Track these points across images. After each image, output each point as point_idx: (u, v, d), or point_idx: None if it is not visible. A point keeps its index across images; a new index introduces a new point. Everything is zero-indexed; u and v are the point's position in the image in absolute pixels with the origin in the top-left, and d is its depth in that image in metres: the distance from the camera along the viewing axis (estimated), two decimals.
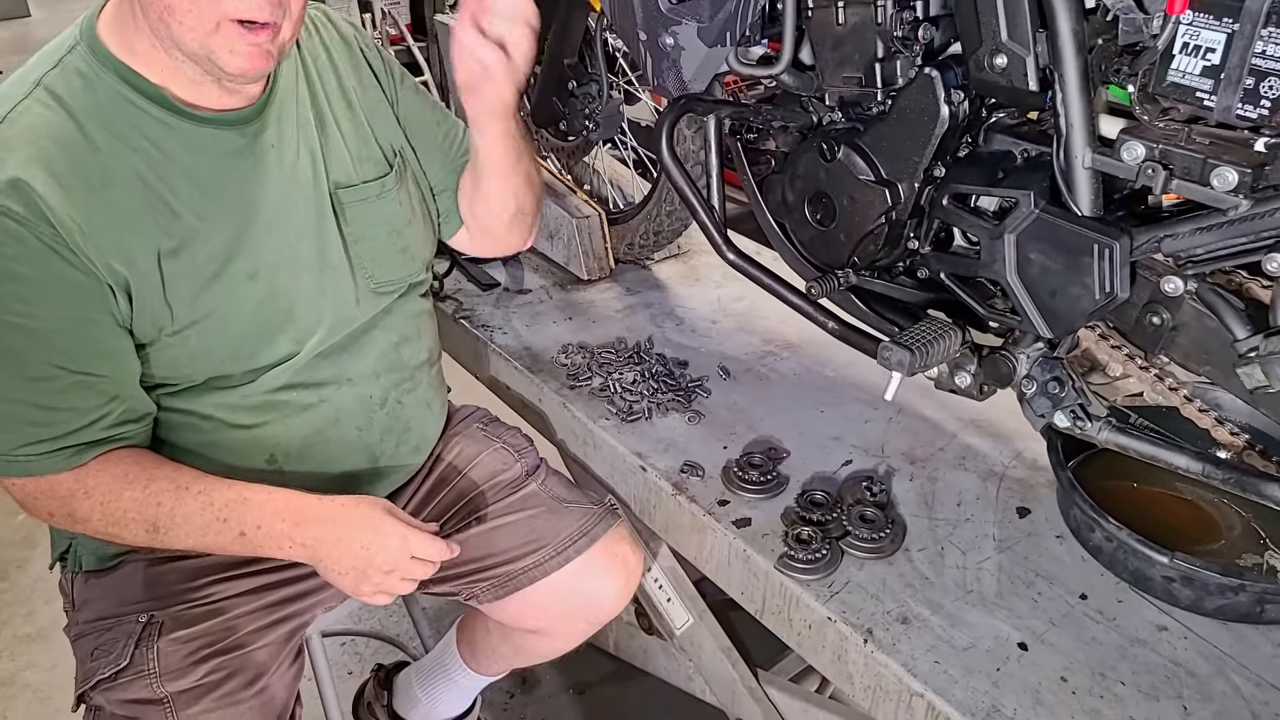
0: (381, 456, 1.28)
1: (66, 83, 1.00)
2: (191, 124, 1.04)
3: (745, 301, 1.81)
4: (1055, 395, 1.05)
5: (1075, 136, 0.93)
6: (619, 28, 1.32)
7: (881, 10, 1.09)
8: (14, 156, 0.96)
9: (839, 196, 1.18)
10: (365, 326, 1.23)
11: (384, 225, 1.21)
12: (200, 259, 1.06)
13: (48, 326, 1.00)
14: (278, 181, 1.11)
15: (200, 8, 0.95)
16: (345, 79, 1.21)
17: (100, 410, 1.04)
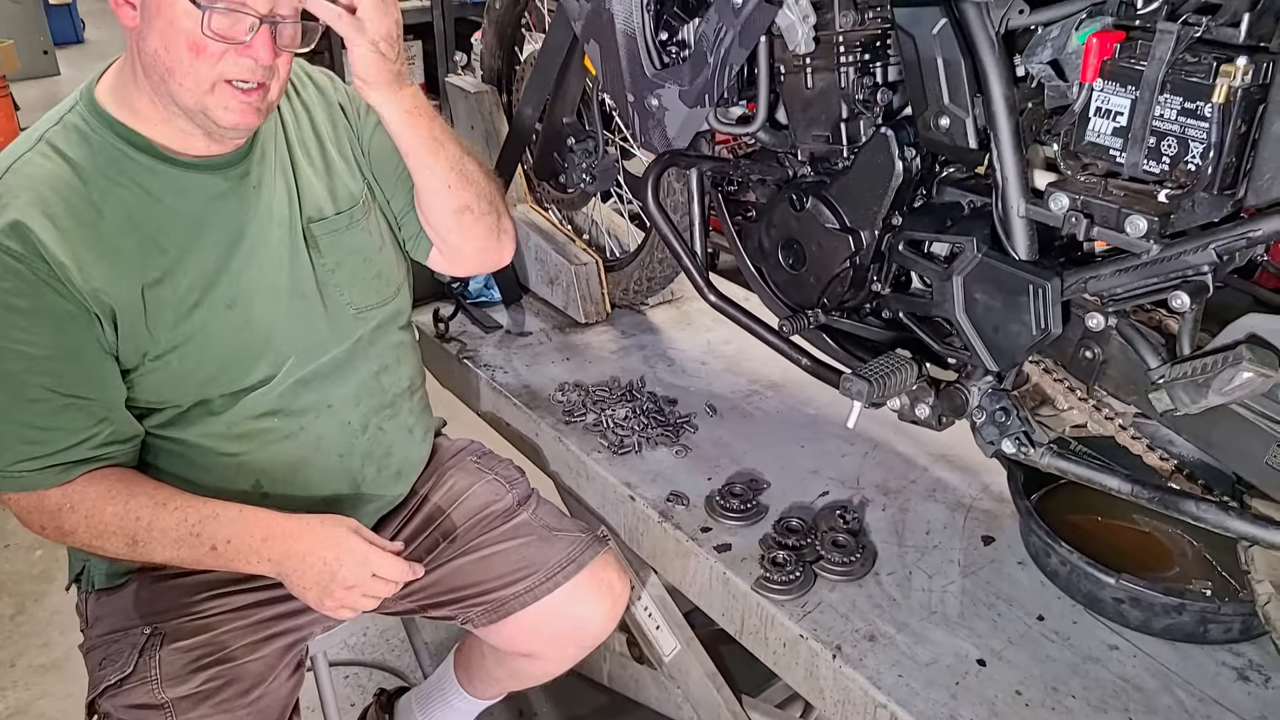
0: (363, 482, 1.36)
1: (66, 137, 1.14)
2: (178, 169, 1.16)
3: (733, 345, 1.91)
4: (1002, 424, 1.14)
5: (1010, 189, 1.04)
6: (611, 90, 1.44)
7: (845, 76, 1.21)
8: (15, 202, 1.08)
9: (809, 243, 1.29)
10: (346, 355, 1.32)
11: (356, 253, 1.32)
12: (182, 289, 1.16)
13: (43, 353, 1.11)
14: (256, 218, 1.22)
15: (198, 71, 1.07)
16: (319, 124, 1.32)
17: (89, 431, 1.14)
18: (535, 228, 2.05)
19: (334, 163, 1.32)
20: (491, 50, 2.14)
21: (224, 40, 1.06)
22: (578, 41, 1.61)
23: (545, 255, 2.02)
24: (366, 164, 1.37)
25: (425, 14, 4.38)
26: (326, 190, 1.30)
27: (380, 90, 1.18)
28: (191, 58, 1.06)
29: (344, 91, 1.39)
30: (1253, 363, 0.82)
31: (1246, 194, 0.86)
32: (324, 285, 1.29)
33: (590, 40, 1.42)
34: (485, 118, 2.14)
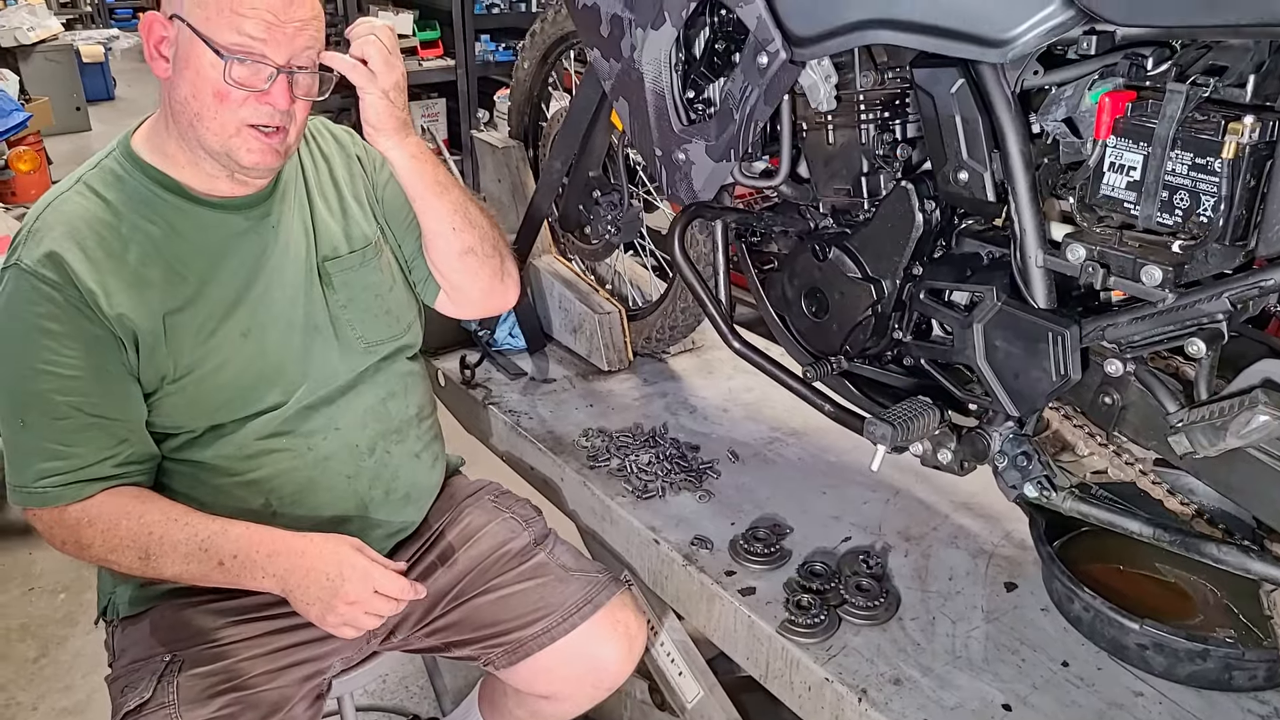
0: (371, 504, 1.39)
1: (102, 179, 1.24)
2: (203, 208, 1.26)
3: (755, 392, 1.95)
4: (1024, 468, 1.16)
5: (1028, 240, 1.08)
6: (638, 144, 1.50)
7: (865, 132, 1.26)
8: (52, 234, 1.18)
9: (831, 292, 1.33)
10: (353, 382, 1.38)
11: (368, 290, 1.39)
12: (200, 317, 1.24)
13: (71, 374, 1.18)
14: (273, 255, 1.31)
15: (222, 116, 1.17)
16: (337, 171, 1.42)
17: (110, 450, 1.21)
18: (559, 277, 2.10)
19: (349, 207, 1.41)
20: (519, 107, 2.22)
21: (244, 88, 1.15)
22: (606, 99, 1.68)
23: (569, 304, 2.06)
24: (380, 210, 1.45)
25: (450, 73, 4.51)
26: (341, 231, 1.38)
27: (389, 135, 1.28)
28: (216, 104, 1.16)
29: (361, 145, 1.48)
30: (1268, 406, 0.85)
31: (1257, 245, 0.90)
32: (336, 319, 1.36)
33: (619, 98, 1.48)
34: (512, 171, 2.21)
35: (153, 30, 1.17)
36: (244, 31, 1.12)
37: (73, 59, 6.80)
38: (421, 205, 1.36)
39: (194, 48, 1.14)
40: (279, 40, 1.14)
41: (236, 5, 1.12)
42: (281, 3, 1.14)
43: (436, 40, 4.56)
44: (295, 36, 1.16)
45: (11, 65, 5.91)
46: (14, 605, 2.56)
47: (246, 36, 1.13)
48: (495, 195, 2.29)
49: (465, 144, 4.53)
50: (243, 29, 1.12)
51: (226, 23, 1.12)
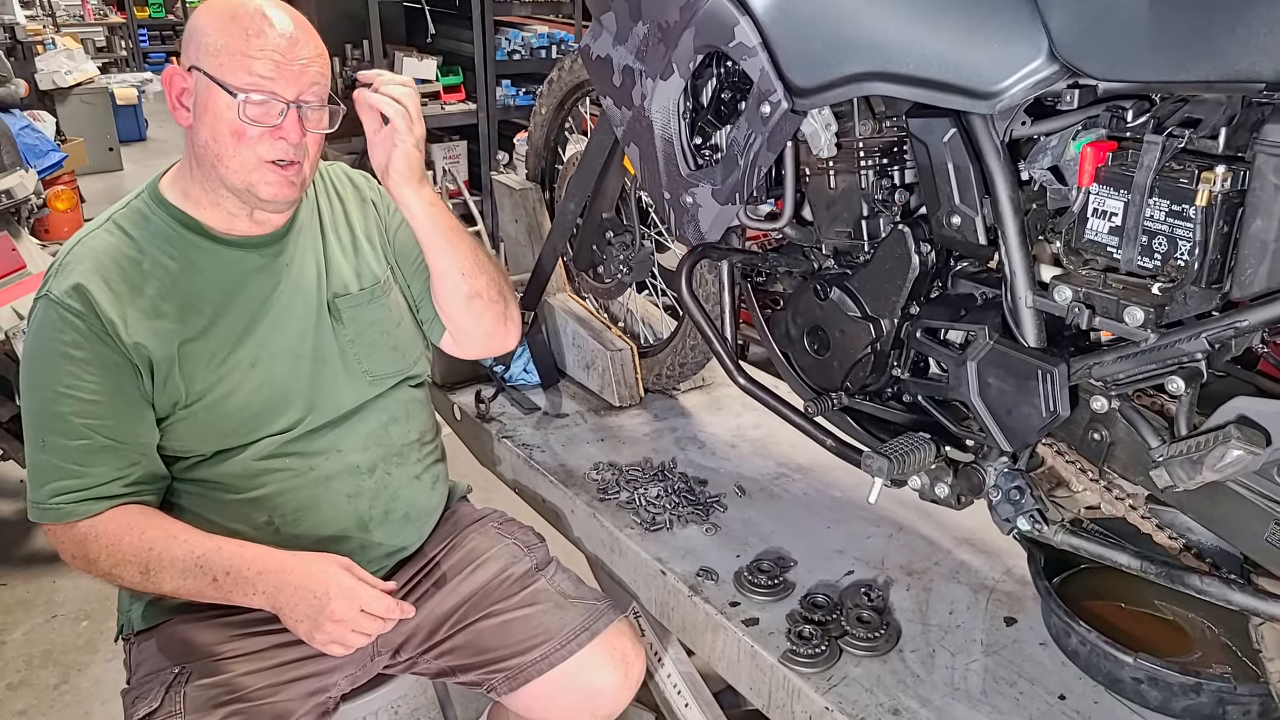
0: (371, 522, 1.45)
1: (129, 217, 1.34)
2: (221, 246, 1.35)
3: (762, 429, 1.99)
4: (1017, 502, 1.19)
5: (1018, 282, 1.12)
6: (648, 188, 1.56)
7: (865, 178, 1.32)
8: (80, 268, 1.28)
9: (832, 330, 1.38)
10: (357, 409, 1.45)
11: (375, 326, 1.46)
12: (212, 346, 1.32)
13: (90, 398, 1.26)
14: (285, 290, 1.39)
15: (241, 154, 1.26)
16: (351, 213, 1.50)
17: (123, 470, 1.29)
18: (573, 315, 2.16)
19: (361, 246, 1.49)
20: (536, 150, 2.29)
21: (259, 124, 1.24)
22: (618, 144, 1.75)
23: (582, 341, 2.12)
24: (391, 251, 1.53)
25: (471, 116, 4.62)
26: (352, 270, 1.46)
27: (411, 184, 1.37)
28: (235, 143, 1.26)
29: (376, 190, 1.56)
30: (1241, 441, 0.88)
31: (1232, 288, 0.94)
32: (344, 353, 1.43)
33: (631, 143, 1.54)
34: (529, 212, 2.28)
35: (173, 83, 1.27)
36: (254, 72, 1.22)
37: (107, 101, 7.01)
38: (434, 251, 1.43)
39: (211, 93, 1.23)
40: (287, 78, 1.24)
41: (246, 49, 1.22)
42: (287, 43, 1.24)
43: (459, 85, 4.68)
44: (301, 74, 1.25)
45: (49, 107, 6.09)
46: (37, 631, 2.62)
47: (257, 76, 1.22)
48: (513, 235, 2.36)
49: (485, 185, 4.63)
50: (253, 70, 1.22)
51: (239, 66, 1.22)
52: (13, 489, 3.22)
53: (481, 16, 4.42)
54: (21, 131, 3.96)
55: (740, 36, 1.27)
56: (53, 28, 8.11)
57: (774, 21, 1.25)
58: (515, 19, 5.02)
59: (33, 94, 5.84)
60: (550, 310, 2.18)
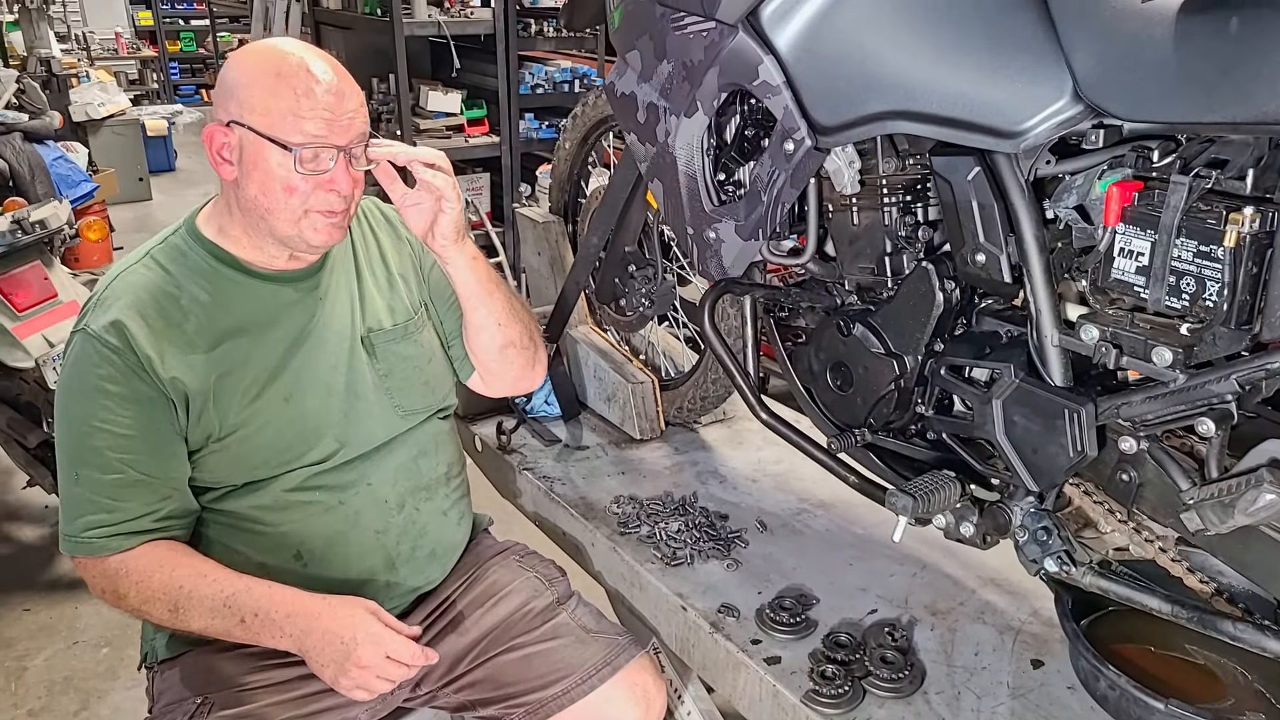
0: (399, 559, 1.44)
1: (167, 252, 1.35)
2: (257, 281, 1.36)
3: (784, 464, 1.98)
4: (1044, 543, 1.18)
5: (1043, 320, 1.12)
6: (671, 223, 1.57)
7: (888, 215, 1.32)
8: (118, 303, 1.29)
9: (855, 366, 1.37)
10: (387, 441, 1.45)
11: (408, 362, 1.47)
12: (246, 380, 1.33)
13: (125, 433, 1.27)
14: (319, 325, 1.39)
15: (291, 207, 1.27)
16: (385, 249, 1.52)
17: (154, 505, 1.29)
18: (595, 347, 2.17)
19: (395, 283, 1.50)
20: (560, 184, 2.32)
21: (314, 173, 1.25)
22: (642, 179, 1.76)
23: (604, 374, 2.13)
24: (425, 290, 1.54)
25: (494, 149, 4.67)
26: (386, 305, 1.47)
27: (456, 244, 1.40)
28: (285, 197, 1.27)
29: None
30: (1274, 485, 0.87)
31: (1262, 329, 0.93)
32: (376, 387, 1.43)
33: (654, 179, 1.56)
34: (552, 245, 2.29)
35: (214, 139, 1.27)
36: (307, 132, 1.23)
37: (138, 132, 7.14)
38: (472, 304, 1.47)
39: (260, 150, 1.24)
40: (338, 132, 1.25)
41: (297, 109, 1.22)
42: (334, 100, 1.25)
43: (482, 118, 4.74)
44: (350, 126, 1.27)
45: (82, 138, 6.21)
46: (59, 658, 2.63)
47: (310, 135, 1.23)
48: (535, 267, 2.37)
49: (507, 217, 4.67)
50: (305, 129, 1.23)
51: (291, 126, 1.23)
52: (36, 514, 3.25)
53: (506, 51, 4.48)
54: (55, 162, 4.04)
55: (764, 75, 1.28)
56: (87, 61, 8.30)
57: (798, 60, 1.26)
58: (539, 54, 5.09)
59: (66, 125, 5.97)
60: (572, 342, 2.19)
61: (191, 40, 10.94)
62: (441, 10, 4.62)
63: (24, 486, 3.00)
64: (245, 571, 1.33)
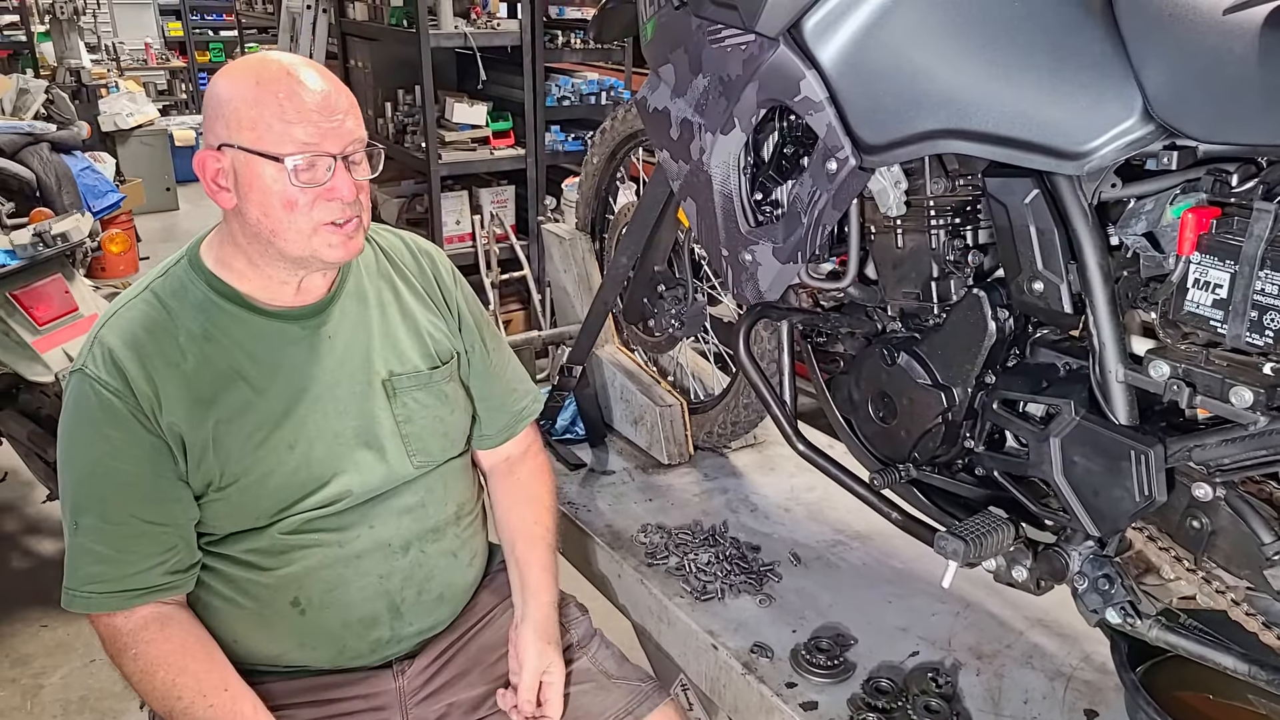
0: (403, 604, 1.36)
1: (168, 286, 1.27)
2: (259, 317, 1.28)
3: (817, 492, 1.90)
4: (1106, 592, 1.10)
5: (1108, 354, 1.04)
6: (705, 244, 1.50)
7: (935, 238, 1.25)
8: (116, 342, 1.22)
9: (899, 397, 1.30)
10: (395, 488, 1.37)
11: (429, 410, 1.38)
12: (249, 427, 1.25)
13: (128, 480, 1.20)
14: (328, 366, 1.31)
15: (297, 223, 1.20)
16: (413, 285, 1.42)
17: (160, 557, 1.22)
18: (621, 368, 2.11)
19: (422, 325, 1.41)
20: (586, 200, 2.26)
21: (311, 185, 1.18)
22: (673, 196, 1.70)
23: (631, 396, 2.06)
24: (459, 340, 1.46)
25: (520, 161, 4.63)
26: (413, 347, 1.38)
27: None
28: (288, 214, 1.19)
29: (449, 269, 1.49)
30: None
31: None
32: (393, 435, 1.34)
33: (687, 198, 1.49)
34: (578, 263, 2.24)
35: (206, 167, 1.20)
36: (297, 139, 1.16)
37: (166, 143, 7.19)
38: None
39: (253, 167, 1.17)
40: (329, 136, 1.17)
41: (283, 116, 1.15)
42: (322, 100, 1.17)
43: (508, 131, 4.70)
44: (341, 129, 1.19)
45: (110, 148, 6.25)
46: (75, 676, 2.59)
47: (300, 142, 1.16)
48: (561, 285, 2.32)
49: (532, 230, 4.62)
50: (295, 136, 1.16)
51: (279, 136, 1.15)
52: (56, 528, 3.23)
53: (533, 64, 4.44)
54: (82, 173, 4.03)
55: (806, 91, 1.22)
56: (116, 71, 8.37)
57: (842, 75, 1.19)
58: (566, 66, 5.05)
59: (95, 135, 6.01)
60: (598, 363, 2.13)
61: (220, 51, 11.02)
62: (468, 21, 4.59)
63: (44, 500, 2.98)
64: (241, 622, 1.28)
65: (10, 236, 2.52)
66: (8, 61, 6.82)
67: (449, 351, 1.43)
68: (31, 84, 4.68)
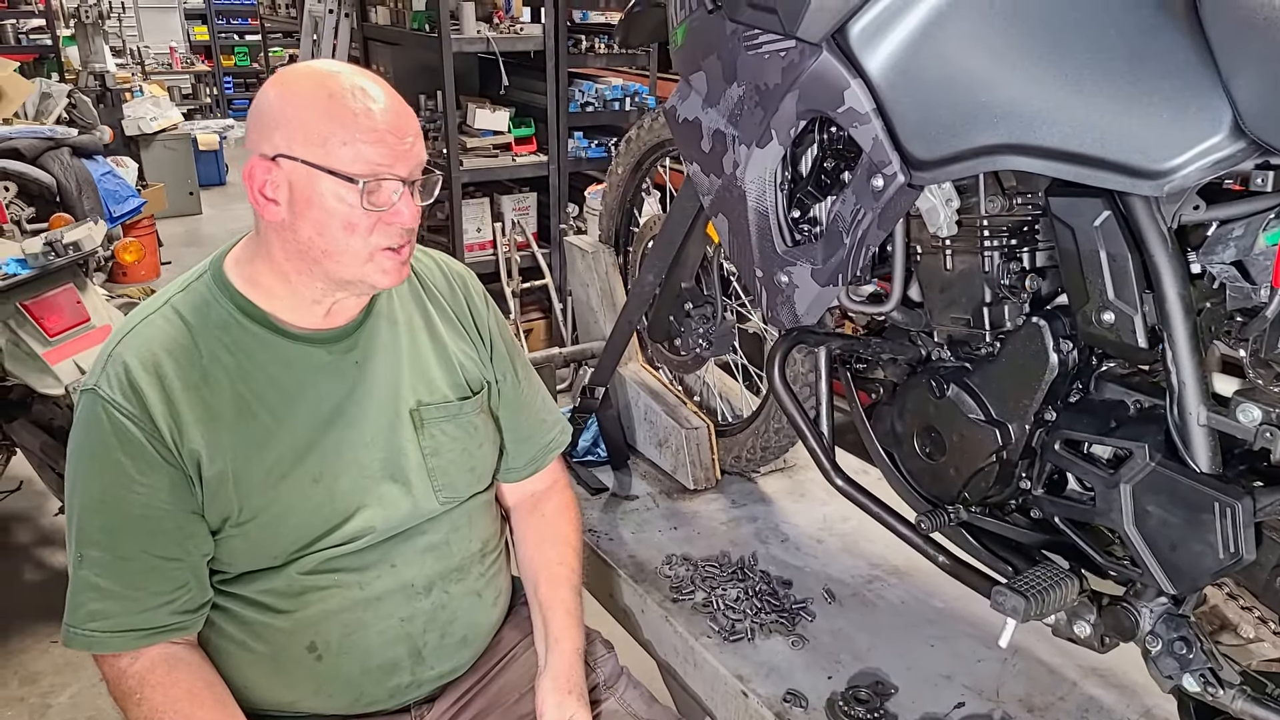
0: (425, 649, 1.28)
1: (189, 301, 1.18)
2: (285, 340, 1.19)
3: (851, 522, 1.80)
4: (1183, 656, 1.00)
5: (1188, 394, 0.94)
6: (737, 263, 1.41)
7: (989, 260, 1.15)
8: (133, 361, 1.13)
9: (949, 432, 1.20)
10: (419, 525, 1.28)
11: (457, 443, 1.29)
12: (270, 460, 1.16)
13: (139, 512, 1.11)
14: (355, 394, 1.22)
15: (354, 246, 1.12)
16: (445, 310, 1.34)
17: (169, 596, 1.13)
18: (645, 387, 2.02)
19: (452, 352, 1.32)
20: (610, 211, 2.17)
21: (378, 208, 1.10)
22: (703, 211, 1.61)
23: (655, 417, 1.97)
24: (491, 369, 1.37)
25: (542, 168, 4.55)
26: (443, 375, 1.30)
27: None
28: (347, 236, 1.11)
29: (481, 294, 1.40)
30: None
31: None
32: (419, 469, 1.26)
33: (719, 214, 1.40)
34: (601, 276, 2.15)
35: (255, 176, 1.11)
36: (370, 160, 1.08)
37: (189, 147, 7.16)
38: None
39: (314, 184, 1.08)
40: (402, 159, 1.10)
41: (357, 135, 1.07)
42: (394, 118, 1.10)
43: (530, 137, 4.62)
44: (411, 151, 1.11)
45: (134, 153, 6.23)
46: (84, 695, 2.53)
47: (374, 163, 1.08)
48: (583, 299, 2.23)
49: (554, 238, 4.55)
50: (368, 156, 1.07)
51: (351, 154, 1.07)
52: None
53: (556, 69, 4.37)
54: (103, 178, 4.00)
55: (851, 101, 1.12)
56: (141, 75, 8.39)
57: (892, 85, 1.10)
58: (589, 71, 4.97)
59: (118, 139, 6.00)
60: (621, 381, 2.04)
61: (246, 55, 11.05)
62: (490, 26, 4.52)
63: (56, 513, 2.93)
64: (253, 667, 1.19)
65: (22, 245, 2.47)
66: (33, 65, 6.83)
67: (479, 381, 1.35)
68: (54, 88, 4.67)
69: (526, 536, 1.45)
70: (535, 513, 1.46)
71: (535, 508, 1.46)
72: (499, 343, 1.39)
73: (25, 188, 2.89)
